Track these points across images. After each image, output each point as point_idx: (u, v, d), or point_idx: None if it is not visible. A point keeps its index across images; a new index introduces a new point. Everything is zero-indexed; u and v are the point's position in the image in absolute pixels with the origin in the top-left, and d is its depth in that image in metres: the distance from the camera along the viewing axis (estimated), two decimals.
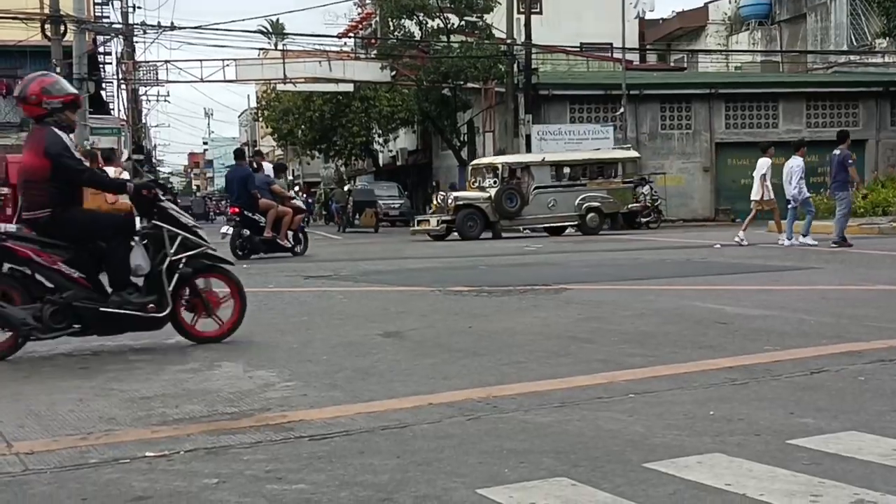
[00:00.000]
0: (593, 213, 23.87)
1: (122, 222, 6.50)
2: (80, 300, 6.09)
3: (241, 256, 15.43)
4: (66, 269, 6.11)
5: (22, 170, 6.40)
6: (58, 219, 6.15)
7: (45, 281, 6.07)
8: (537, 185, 23.57)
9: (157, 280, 6.32)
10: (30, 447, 3.90)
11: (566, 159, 25.29)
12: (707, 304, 8.17)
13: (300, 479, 3.37)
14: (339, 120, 38.16)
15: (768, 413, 4.20)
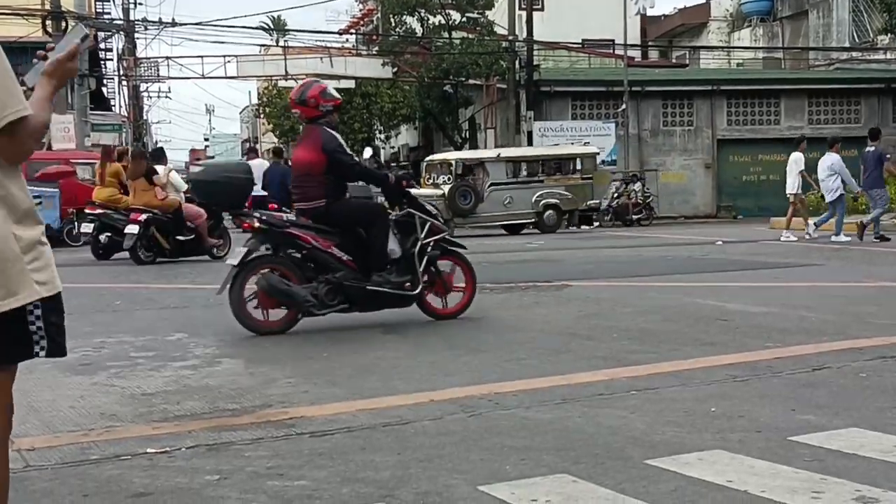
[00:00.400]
0: (551, 211, 23.24)
1: (382, 211, 7.22)
2: (349, 280, 6.90)
3: None
4: (338, 253, 6.92)
5: (297, 165, 7.22)
6: (330, 208, 6.95)
7: (320, 263, 6.89)
8: (492, 182, 22.87)
9: (410, 262, 7.12)
10: (31, 443, 3.91)
11: (522, 156, 24.83)
12: (708, 301, 8.17)
13: (301, 476, 3.37)
14: (341, 116, 37.97)
15: (770, 410, 4.20)
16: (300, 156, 7.18)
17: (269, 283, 6.70)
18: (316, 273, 6.89)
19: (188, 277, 11.37)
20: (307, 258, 6.93)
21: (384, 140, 41.58)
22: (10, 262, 2.20)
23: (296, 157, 7.33)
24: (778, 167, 31.96)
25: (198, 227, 13.85)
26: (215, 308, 8.65)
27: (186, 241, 13.81)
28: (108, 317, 8.22)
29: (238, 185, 7.51)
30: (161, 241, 13.54)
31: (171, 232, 13.61)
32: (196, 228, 13.83)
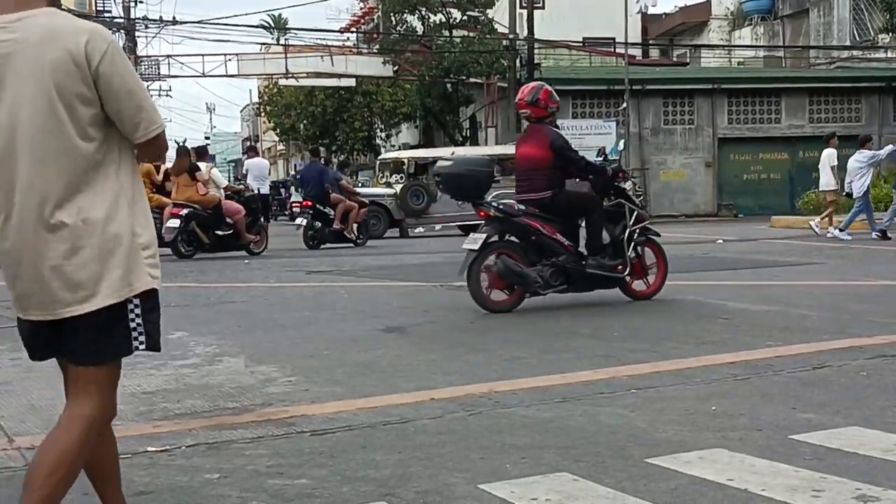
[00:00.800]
0: None
1: (599, 202, 7.94)
2: (570, 263, 7.68)
3: (311, 246, 16.77)
4: (561, 239, 7.68)
5: (524, 160, 7.90)
6: (555, 199, 7.72)
7: (545, 248, 7.66)
8: None
9: (619, 247, 7.89)
10: (31, 442, 3.90)
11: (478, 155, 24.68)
12: (709, 300, 8.16)
13: (302, 474, 3.37)
14: (341, 115, 38.13)
15: (770, 408, 4.20)
16: (527, 152, 7.89)
17: (505, 265, 7.48)
18: (538, 257, 7.66)
19: (190, 276, 11.37)
20: (533, 244, 7.69)
21: (384, 139, 41.60)
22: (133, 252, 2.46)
23: (522, 153, 8.00)
24: (779, 166, 32.06)
25: (236, 223, 14.44)
26: (216, 307, 8.66)
27: (225, 236, 14.43)
28: None
29: (481, 179, 8.04)
30: (201, 235, 14.15)
31: (211, 227, 14.20)
32: (235, 224, 14.43)
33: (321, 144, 42.64)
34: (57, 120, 2.39)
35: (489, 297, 7.59)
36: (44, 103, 2.38)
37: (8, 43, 2.37)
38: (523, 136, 8.17)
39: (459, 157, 9.99)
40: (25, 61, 2.37)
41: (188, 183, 14.03)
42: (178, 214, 13.75)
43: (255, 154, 20.38)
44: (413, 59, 32.56)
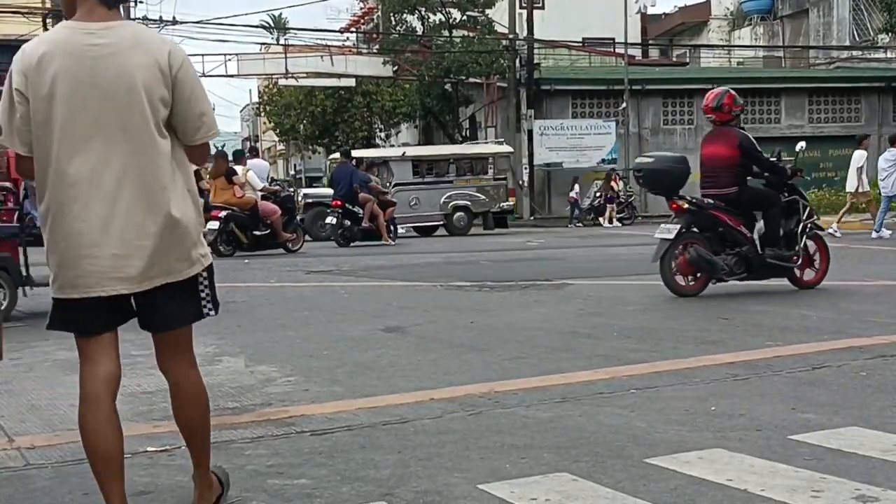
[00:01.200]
0: (461, 213, 22.42)
1: (778, 198, 8.58)
2: (752, 253, 8.37)
3: (341, 244, 17.39)
4: (744, 230, 8.41)
5: (712, 159, 8.54)
6: (741, 195, 8.45)
7: (729, 239, 8.39)
8: (397, 182, 21.78)
9: (792, 239, 8.57)
10: (31, 442, 3.91)
11: (429, 155, 24.05)
12: (709, 300, 8.16)
13: (301, 474, 3.38)
14: (341, 115, 38.14)
15: (770, 408, 4.20)
16: (715, 151, 8.52)
17: (698, 253, 8.16)
18: (721, 247, 8.36)
19: None
20: (717, 235, 8.38)
21: (384, 139, 41.60)
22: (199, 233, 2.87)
23: (710, 152, 8.60)
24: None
25: (273, 223, 15.08)
26: None
27: (262, 235, 15.12)
28: None
29: (678, 174, 8.62)
30: (239, 235, 14.83)
31: (249, 227, 14.90)
32: (271, 224, 15.08)
33: (321, 144, 42.73)
34: (142, 117, 2.70)
35: (677, 282, 8.32)
36: (129, 99, 2.68)
37: (98, 47, 2.67)
38: (710, 136, 8.78)
39: (657, 154, 10.68)
40: (115, 63, 2.68)
41: (225, 186, 14.72)
42: (217, 217, 14.37)
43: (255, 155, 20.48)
44: (413, 59, 32.56)
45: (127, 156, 2.69)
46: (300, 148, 50.58)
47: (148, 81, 2.70)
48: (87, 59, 2.66)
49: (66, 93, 2.65)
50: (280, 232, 15.19)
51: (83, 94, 2.66)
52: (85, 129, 2.66)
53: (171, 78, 2.74)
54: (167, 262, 2.76)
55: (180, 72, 2.77)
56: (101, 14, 2.70)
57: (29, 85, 2.67)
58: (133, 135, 2.69)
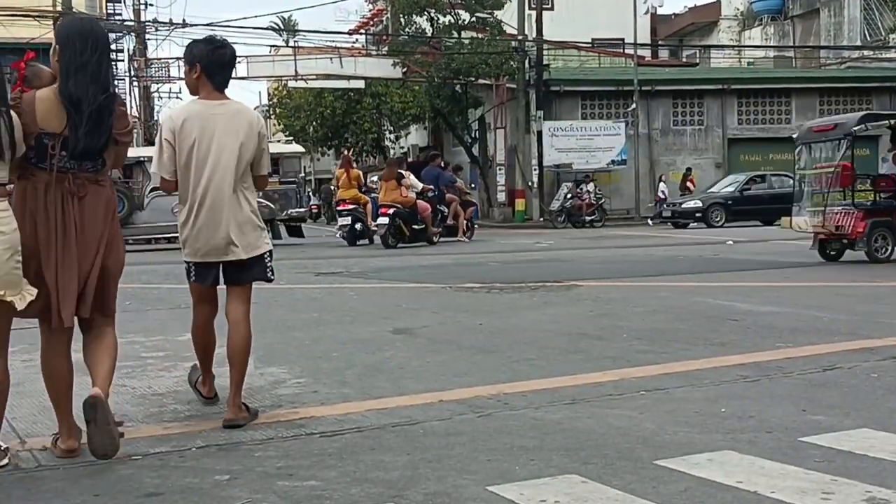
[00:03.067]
0: None
1: None
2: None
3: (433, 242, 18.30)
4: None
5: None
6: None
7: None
8: (154, 187, 17.59)
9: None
10: (43, 443, 3.93)
11: None
12: (719, 301, 8.15)
13: (311, 476, 3.38)
14: (351, 116, 38.15)
15: (780, 410, 4.19)
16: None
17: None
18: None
19: None
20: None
21: (394, 140, 41.61)
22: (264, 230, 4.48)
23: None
24: (789, 166, 31.84)
25: (426, 219, 17.58)
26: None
27: (419, 229, 17.56)
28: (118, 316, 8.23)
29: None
30: (404, 229, 17.28)
31: (409, 222, 17.36)
32: (424, 220, 17.55)
33: (330, 146, 42.78)
34: (240, 160, 4.27)
35: None
36: (238, 149, 4.26)
37: (221, 115, 4.27)
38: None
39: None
40: (229, 126, 4.26)
41: (394, 187, 17.22)
42: (387, 213, 16.99)
43: None
44: (422, 60, 32.55)
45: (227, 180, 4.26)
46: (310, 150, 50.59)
47: (245, 137, 4.28)
48: (210, 120, 4.24)
49: (199, 142, 4.21)
50: (430, 227, 17.70)
51: (208, 142, 4.22)
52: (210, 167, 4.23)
53: (258, 136, 4.35)
54: (252, 243, 4.33)
55: (261, 131, 4.39)
56: (216, 96, 4.32)
57: (175, 138, 4.22)
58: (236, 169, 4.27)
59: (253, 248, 4.33)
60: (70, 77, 3.64)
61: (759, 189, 26.07)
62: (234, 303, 4.38)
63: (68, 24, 4.00)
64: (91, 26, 3.89)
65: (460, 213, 19.27)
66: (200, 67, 4.28)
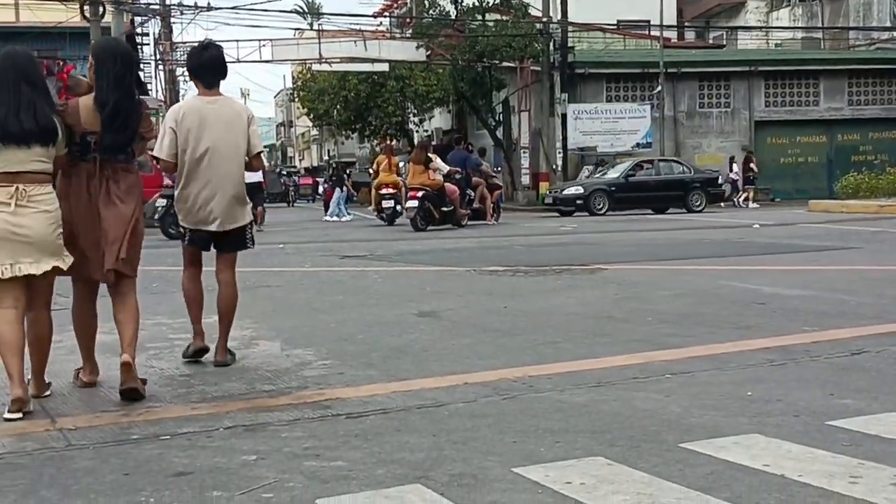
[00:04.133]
0: None
1: None
2: None
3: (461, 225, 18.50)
4: None
5: None
6: None
7: None
8: None
9: None
10: (73, 423, 3.98)
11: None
12: (745, 284, 8.10)
13: (338, 457, 3.41)
14: (375, 100, 38.11)
15: (807, 394, 4.17)
16: None
17: None
18: None
19: None
20: None
21: (418, 123, 41.56)
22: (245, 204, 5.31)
23: None
24: (817, 149, 31.65)
25: (454, 202, 17.77)
26: (252, 291, 8.73)
27: (448, 212, 17.77)
28: (145, 298, 8.29)
29: None
30: (433, 211, 17.52)
31: (438, 205, 17.62)
32: (452, 202, 17.75)
33: (354, 129, 42.82)
34: (235, 150, 5.17)
35: None
36: (230, 138, 5.15)
37: (213, 108, 5.14)
38: None
39: None
40: (219, 118, 5.13)
41: (422, 171, 17.56)
42: (416, 196, 17.32)
43: None
44: (446, 43, 32.43)
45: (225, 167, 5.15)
46: (334, 133, 50.67)
47: (238, 128, 5.18)
48: (203, 112, 5.12)
49: (195, 131, 5.07)
50: (459, 209, 17.91)
51: (202, 131, 5.07)
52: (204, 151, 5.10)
53: (248, 126, 5.24)
54: (235, 217, 5.18)
55: (252, 125, 5.28)
56: (207, 92, 5.22)
57: (177, 126, 5.07)
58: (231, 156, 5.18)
59: (237, 220, 5.20)
60: (102, 87, 4.47)
61: (645, 175, 24.63)
62: (222, 267, 5.30)
63: (101, 44, 4.88)
64: (118, 45, 4.96)
65: (487, 196, 19.42)
66: (190, 73, 5.35)
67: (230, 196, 5.13)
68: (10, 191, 4.18)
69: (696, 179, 24.56)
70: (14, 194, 4.18)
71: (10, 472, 3.33)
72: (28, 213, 4.19)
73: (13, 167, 4.20)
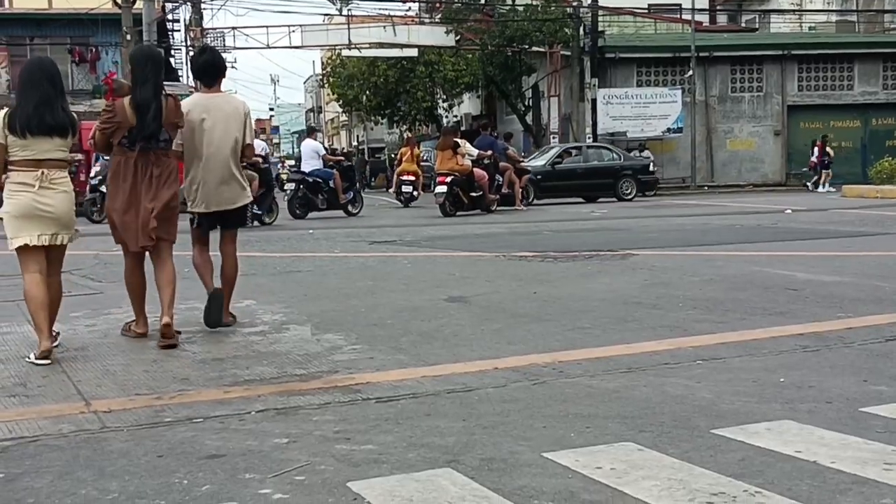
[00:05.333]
0: None
1: None
2: None
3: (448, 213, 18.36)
4: None
5: None
6: None
7: None
8: None
9: None
10: (107, 405, 4.03)
11: None
12: (777, 270, 8.03)
13: (368, 440, 3.42)
14: (404, 85, 38.09)
15: (840, 381, 4.13)
16: None
17: None
18: None
19: (256, 246, 11.54)
20: None
21: (447, 108, 41.49)
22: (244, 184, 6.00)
23: None
24: (851, 134, 31.22)
25: (483, 186, 17.85)
26: (282, 276, 8.79)
27: (477, 196, 17.86)
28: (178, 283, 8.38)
29: None
30: (462, 196, 17.63)
31: (467, 190, 17.71)
32: (482, 187, 17.85)
33: (383, 115, 42.83)
34: (234, 138, 5.83)
35: None
36: (231, 130, 5.83)
37: (214, 103, 5.85)
38: None
39: None
40: (220, 111, 5.82)
41: (450, 156, 17.59)
42: (444, 182, 17.39)
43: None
44: (475, 28, 32.32)
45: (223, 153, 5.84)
46: (363, 119, 50.67)
47: (236, 121, 5.86)
48: (206, 107, 5.83)
49: (199, 124, 5.77)
50: (488, 195, 17.96)
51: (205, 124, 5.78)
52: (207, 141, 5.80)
53: (245, 119, 5.95)
54: (235, 198, 5.95)
55: (248, 118, 5.98)
56: (208, 91, 6.00)
57: (186, 119, 5.69)
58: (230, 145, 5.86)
59: (239, 200, 5.96)
60: (137, 88, 5.42)
61: (572, 163, 23.63)
62: (225, 242, 6.07)
63: (136, 51, 5.90)
64: (150, 51, 6.01)
65: (515, 181, 19.38)
66: (193, 75, 6.35)
67: (230, 180, 5.86)
68: (37, 174, 5.00)
69: (626, 167, 23.75)
70: (39, 177, 5.01)
71: (46, 453, 3.38)
72: (51, 193, 5.04)
73: (40, 155, 5.02)
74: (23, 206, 4.98)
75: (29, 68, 5.22)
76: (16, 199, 5.00)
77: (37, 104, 5.01)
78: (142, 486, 2.98)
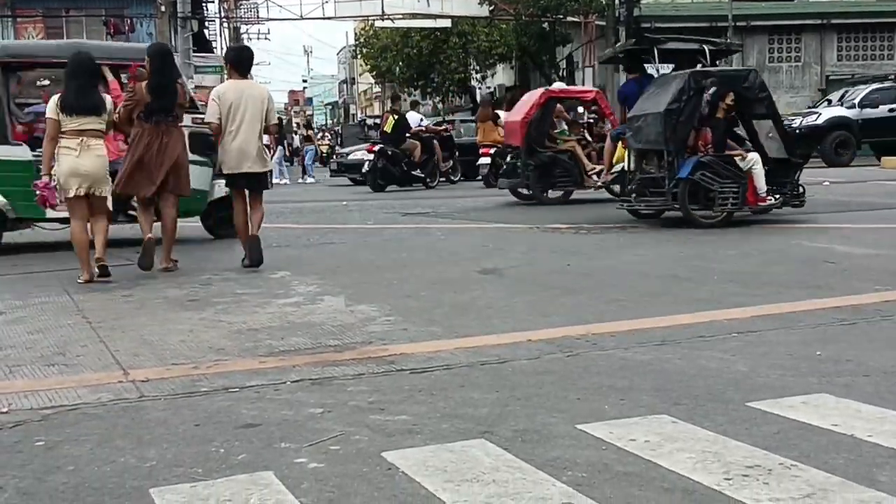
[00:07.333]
0: None
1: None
2: None
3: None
4: None
5: None
6: None
7: None
8: None
9: None
10: (145, 375, 4.08)
11: None
12: (814, 244, 7.93)
13: (402, 411, 3.44)
14: (437, 56, 37.89)
15: (878, 354, 4.08)
16: None
17: None
18: None
19: (290, 218, 11.61)
20: None
21: (480, 80, 41.24)
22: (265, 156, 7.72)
23: None
24: None
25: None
26: (316, 248, 8.83)
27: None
28: (213, 254, 8.47)
29: None
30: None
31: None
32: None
33: (417, 86, 42.67)
34: (259, 119, 7.46)
35: None
36: (256, 111, 7.43)
37: (243, 88, 7.48)
38: None
39: None
40: (251, 96, 7.45)
41: (491, 128, 17.42)
42: (488, 154, 17.24)
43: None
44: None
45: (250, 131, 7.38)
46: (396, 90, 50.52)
47: (261, 105, 7.42)
48: (239, 91, 7.40)
49: (234, 103, 7.35)
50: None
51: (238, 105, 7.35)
52: (239, 118, 7.34)
53: (267, 103, 7.52)
54: (258, 164, 7.47)
55: (270, 102, 7.57)
56: (240, 78, 7.62)
57: (219, 101, 7.37)
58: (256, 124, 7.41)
59: (262, 166, 7.52)
60: (153, 76, 7.20)
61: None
62: (253, 201, 7.56)
63: (152, 47, 7.79)
64: (163, 48, 7.91)
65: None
66: (230, 64, 7.82)
67: (255, 148, 7.41)
68: (78, 141, 6.66)
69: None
70: (80, 144, 6.67)
71: (86, 421, 3.43)
72: (89, 156, 6.68)
73: (81, 127, 6.70)
74: (68, 166, 6.65)
75: (71, 63, 6.88)
76: (63, 161, 6.65)
77: (76, 91, 6.74)
78: (179, 455, 3.02)
